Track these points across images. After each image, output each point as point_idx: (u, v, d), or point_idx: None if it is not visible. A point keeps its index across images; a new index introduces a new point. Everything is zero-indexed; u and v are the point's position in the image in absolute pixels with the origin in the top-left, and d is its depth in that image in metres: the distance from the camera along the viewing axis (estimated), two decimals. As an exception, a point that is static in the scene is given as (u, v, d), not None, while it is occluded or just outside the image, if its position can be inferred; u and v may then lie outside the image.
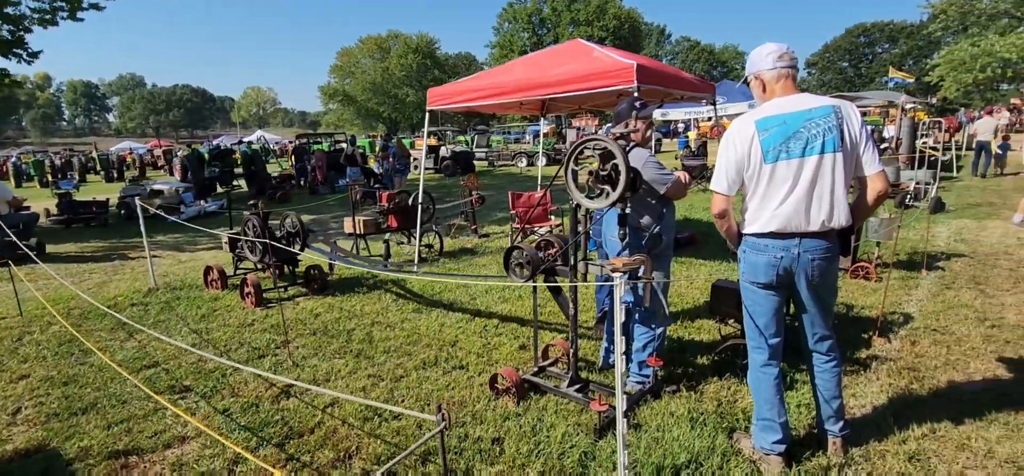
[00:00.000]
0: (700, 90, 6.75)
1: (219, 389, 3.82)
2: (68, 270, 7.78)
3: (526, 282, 3.43)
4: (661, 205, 3.36)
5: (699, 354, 4.06)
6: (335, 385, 3.81)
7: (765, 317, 2.65)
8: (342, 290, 6.16)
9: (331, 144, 22.11)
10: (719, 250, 7.37)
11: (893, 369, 3.74)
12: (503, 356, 4.14)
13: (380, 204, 7.58)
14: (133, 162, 32.23)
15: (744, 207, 2.66)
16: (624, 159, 2.78)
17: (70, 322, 5.30)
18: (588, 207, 3.05)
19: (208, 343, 4.66)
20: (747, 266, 2.65)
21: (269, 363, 4.18)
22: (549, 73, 5.71)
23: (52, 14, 14.60)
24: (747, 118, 2.55)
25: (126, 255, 8.89)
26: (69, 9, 14.88)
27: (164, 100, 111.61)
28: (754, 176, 2.52)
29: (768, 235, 2.53)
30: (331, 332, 4.81)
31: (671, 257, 3.60)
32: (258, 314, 5.36)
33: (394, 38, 56.34)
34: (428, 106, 6.67)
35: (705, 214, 10.15)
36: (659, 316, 3.44)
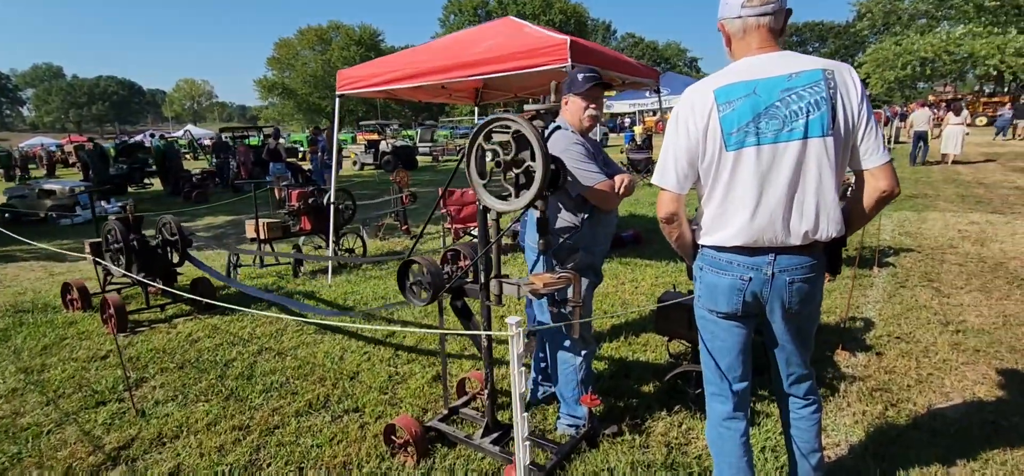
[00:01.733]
0: (642, 75, 6.17)
1: (21, 457, 2.87)
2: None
3: (425, 305, 2.68)
4: (580, 208, 2.63)
5: (644, 380, 3.42)
6: (186, 443, 2.94)
7: (729, 356, 2.00)
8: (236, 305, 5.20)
9: (261, 138, 20.58)
10: (667, 248, 6.86)
11: (864, 391, 3.21)
12: (410, 392, 3.37)
13: (290, 204, 6.63)
14: (41, 159, 29.26)
15: (699, 209, 1.99)
16: (541, 145, 2.07)
17: None
18: (498, 210, 2.33)
19: (37, 386, 3.66)
20: (705, 289, 1.98)
21: (106, 414, 3.25)
22: (473, 51, 4.96)
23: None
24: (703, 86, 1.87)
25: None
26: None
27: (86, 92, 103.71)
28: (712, 168, 1.84)
29: (732, 250, 1.87)
30: (204, 364, 3.90)
31: (595, 279, 2.85)
32: (120, 342, 4.36)
33: (335, 29, 54.04)
34: (338, 90, 5.78)
35: (651, 209, 9.69)
36: (584, 338, 2.74)
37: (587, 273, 2.69)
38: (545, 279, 2.29)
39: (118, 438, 3.00)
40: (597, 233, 2.68)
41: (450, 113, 41.98)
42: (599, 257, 2.76)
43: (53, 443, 2.99)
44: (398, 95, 6.42)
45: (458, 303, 2.74)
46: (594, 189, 2.52)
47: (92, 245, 5.22)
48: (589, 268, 2.70)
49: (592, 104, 2.68)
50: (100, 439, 2.99)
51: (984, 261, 5.82)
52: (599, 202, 2.58)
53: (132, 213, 5.06)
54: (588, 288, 2.77)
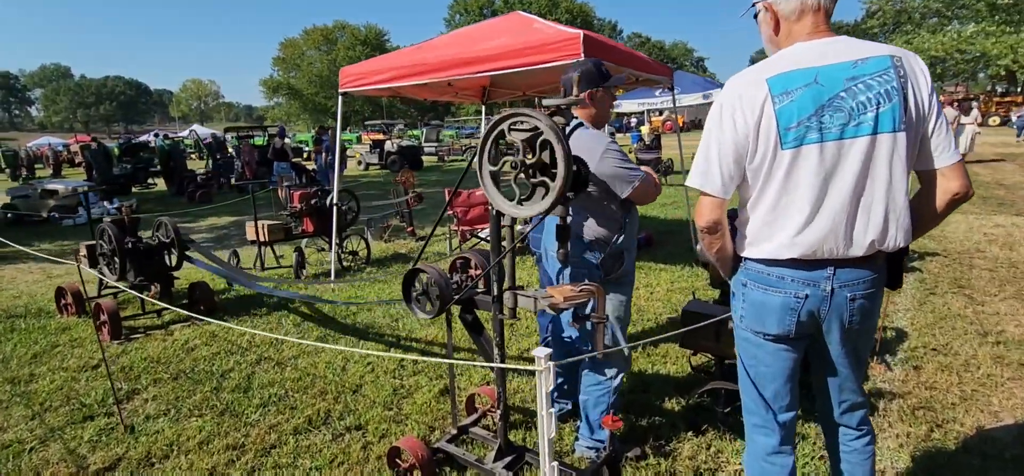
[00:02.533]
0: (656, 72, 5.93)
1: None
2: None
3: (433, 318, 2.47)
4: (623, 212, 2.46)
5: (666, 395, 3.20)
6: (176, 464, 2.74)
7: (775, 383, 1.77)
8: (236, 311, 5.03)
9: (266, 138, 20.43)
10: (682, 251, 6.63)
11: (905, 410, 2.98)
12: (416, 408, 3.16)
13: (292, 205, 6.44)
14: (47, 159, 29.27)
15: (742, 216, 1.76)
16: (563, 143, 1.85)
17: None
18: (514, 215, 2.11)
19: (23, 398, 3.47)
20: (750, 309, 1.76)
21: (93, 430, 3.06)
22: (480, 47, 4.75)
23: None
24: (754, 74, 1.63)
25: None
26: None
27: (94, 92, 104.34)
28: (762, 168, 1.61)
29: (786, 263, 1.65)
30: (199, 375, 3.70)
31: (633, 283, 2.70)
32: (113, 350, 4.18)
33: (341, 29, 54.03)
34: (341, 88, 5.59)
35: (662, 210, 9.46)
36: (615, 358, 2.55)
37: (628, 276, 2.50)
38: (566, 292, 2.07)
39: (103, 457, 2.80)
40: (632, 235, 2.49)
41: (456, 113, 41.81)
42: (633, 262, 2.57)
43: (35, 463, 2.79)
44: (403, 93, 6.22)
45: (468, 316, 2.53)
46: (643, 184, 2.36)
47: (89, 247, 5.05)
48: (630, 271, 2.50)
49: (613, 100, 2.52)
50: (84, 459, 2.80)
51: (1016, 266, 5.56)
52: (644, 198, 2.43)
53: (129, 214, 4.88)
54: (626, 300, 2.57)
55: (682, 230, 7.78)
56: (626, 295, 2.60)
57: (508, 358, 3.73)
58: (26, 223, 11.15)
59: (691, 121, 37.27)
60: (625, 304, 2.60)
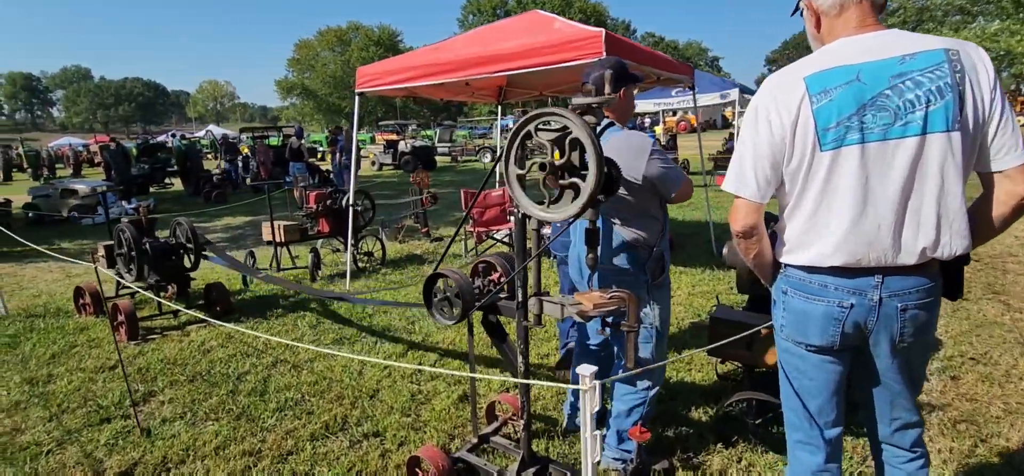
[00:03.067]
0: (677, 71, 5.81)
1: (20, 481, 2.66)
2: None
3: (455, 323, 2.39)
4: (663, 215, 2.37)
5: (693, 404, 3.09)
6: (192, 470, 2.69)
7: (820, 397, 1.67)
8: (252, 312, 5.00)
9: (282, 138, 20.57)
10: (702, 253, 6.50)
11: (946, 422, 2.84)
12: (435, 415, 3.09)
13: (308, 206, 6.41)
14: (68, 159, 29.75)
15: (781, 221, 1.66)
16: (595, 144, 1.77)
17: None
18: (541, 219, 2.02)
19: (41, 399, 3.46)
20: (790, 318, 1.66)
21: (110, 432, 3.02)
22: (499, 46, 4.67)
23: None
24: (790, 73, 1.54)
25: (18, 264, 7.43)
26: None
27: (113, 94, 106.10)
28: (800, 171, 1.52)
29: (828, 271, 1.55)
30: (215, 377, 3.66)
31: (670, 288, 2.60)
32: (130, 351, 4.16)
33: (354, 30, 54.31)
34: (357, 88, 5.54)
35: (680, 211, 9.32)
36: (654, 371, 2.44)
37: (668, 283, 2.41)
38: (595, 299, 1.98)
39: (120, 461, 2.76)
40: (668, 236, 2.40)
41: (469, 113, 41.81)
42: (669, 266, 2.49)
43: (51, 465, 2.77)
44: (419, 93, 6.16)
45: (490, 321, 2.45)
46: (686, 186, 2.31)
47: (106, 247, 5.05)
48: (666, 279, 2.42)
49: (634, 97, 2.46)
50: (101, 462, 2.76)
51: (1053, 272, 5.36)
52: (684, 198, 2.35)
53: (146, 215, 4.88)
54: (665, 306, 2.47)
55: (702, 232, 7.63)
56: (666, 301, 2.50)
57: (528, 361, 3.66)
58: (47, 222, 11.28)
59: (706, 121, 36.93)
60: (666, 310, 2.50)
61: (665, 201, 2.35)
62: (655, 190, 2.27)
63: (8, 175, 25.98)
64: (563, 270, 3.56)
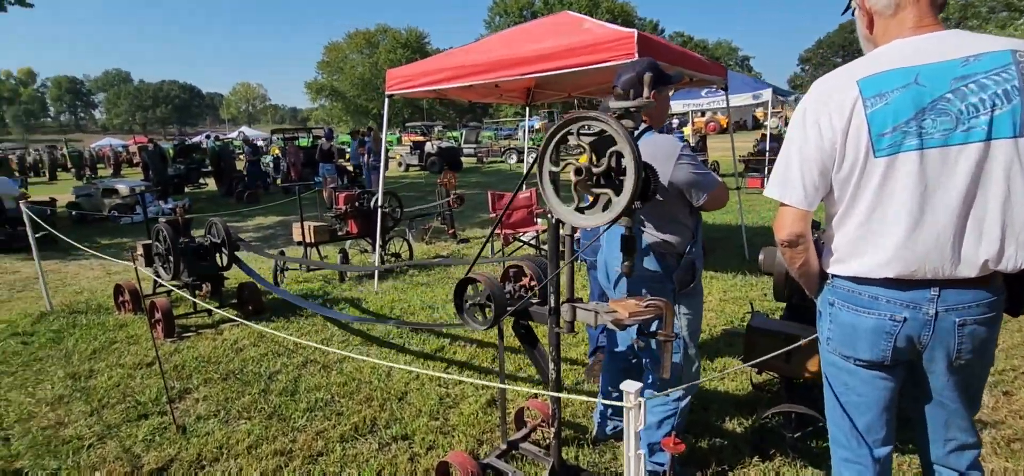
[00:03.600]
0: (709, 72, 5.69)
1: (61, 474, 2.73)
2: (-28, 285, 6.63)
3: (486, 329, 2.37)
4: (695, 220, 2.31)
5: (727, 415, 3.01)
6: (226, 468, 2.73)
7: (869, 414, 1.60)
8: (283, 311, 5.07)
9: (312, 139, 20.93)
10: (734, 258, 6.36)
11: (999, 442, 2.70)
12: (463, 419, 3.07)
13: (337, 207, 6.48)
14: (108, 159, 30.86)
15: (828, 230, 1.60)
16: (634, 149, 1.72)
17: (-76, 361, 4.20)
18: (576, 225, 1.99)
19: (83, 394, 3.56)
20: (838, 331, 1.59)
21: (147, 428, 3.09)
22: (529, 48, 4.64)
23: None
24: (842, 75, 1.48)
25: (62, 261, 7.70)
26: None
27: (151, 96, 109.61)
28: (851, 178, 1.45)
29: (880, 282, 1.47)
30: (248, 376, 3.72)
31: (702, 295, 2.54)
32: (166, 348, 4.26)
33: (383, 32, 55.03)
34: (387, 90, 5.58)
35: (711, 214, 9.13)
36: (691, 377, 2.38)
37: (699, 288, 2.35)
38: (631, 307, 1.93)
39: (157, 457, 2.82)
40: (700, 244, 2.34)
41: (494, 114, 41.91)
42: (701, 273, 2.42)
43: (92, 460, 2.84)
44: (448, 95, 6.17)
45: (521, 327, 2.42)
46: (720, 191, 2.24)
47: (145, 246, 5.19)
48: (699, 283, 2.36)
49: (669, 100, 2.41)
50: (139, 458, 2.83)
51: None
52: (717, 205, 2.29)
53: (182, 215, 4.99)
54: (696, 314, 2.41)
55: (733, 236, 7.48)
56: (696, 309, 2.43)
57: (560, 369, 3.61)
58: (89, 221, 11.69)
59: (736, 122, 36.29)
60: (696, 319, 2.44)
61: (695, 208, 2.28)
62: (683, 195, 2.21)
63: (53, 174, 27.07)
64: (593, 275, 3.51)
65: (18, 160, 25.70)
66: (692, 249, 2.32)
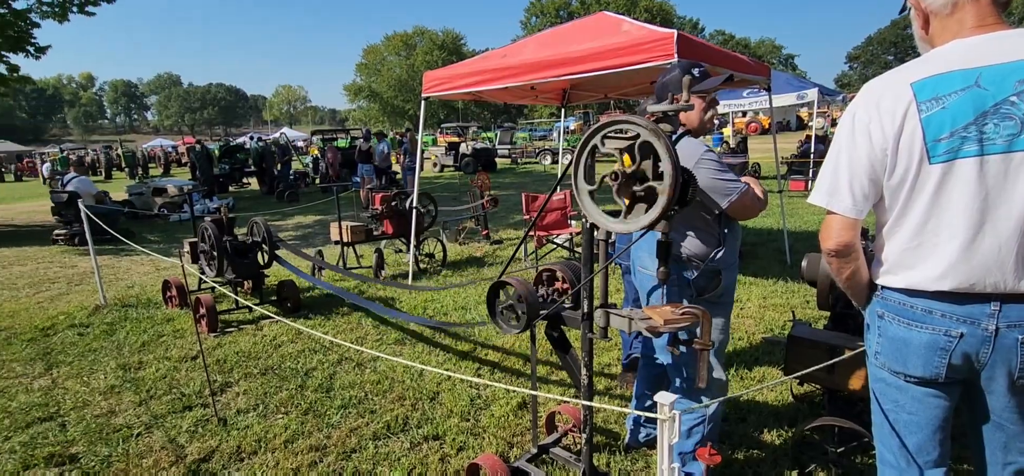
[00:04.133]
0: (752, 72, 5.54)
1: (113, 460, 2.86)
2: (31, 276, 7.03)
3: (519, 333, 2.36)
4: (721, 226, 2.24)
5: (765, 426, 2.92)
6: (263, 461, 2.80)
7: (920, 434, 1.52)
8: (319, 310, 5.19)
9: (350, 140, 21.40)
10: (775, 264, 6.16)
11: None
12: (494, 421, 3.07)
13: (373, 207, 6.60)
14: (159, 159, 32.31)
15: (878, 239, 1.52)
16: (670, 153, 1.68)
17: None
18: (612, 230, 1.96)
19: (132, 385, 3.72)
20: (888, 345, 1.51)
21: (191, 420, 3.21)
22: (566, 50, 4.61)
23: (62, 8, 14.18)
24: (895, 77, 1.41)
25: (117, 255, 8.10)
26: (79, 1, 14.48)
27: (199, 98, 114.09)
28: (904, 186, 1.39)
29: (934, 295, 1.40)
30: (285, 372, 3.82)
31: (732, 303, 2.47)
32: (210, 343, 4.42)
33: (420, 34, 55.72)
34: (423, 93, 5.64)
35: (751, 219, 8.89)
36: (714, 386, 2.32)
37: (727, 297, 2.29)
38: (666, 314, 1.89)
39: (200, 448, 2.92)
40: (734, 250, 2.27)
41: (528, 115, 41.92)
42: (734, 279, 2.35)
43: (140, 448, 2.96)
44: (484, 96, 6.20)
45: (554, 332, 2.41)
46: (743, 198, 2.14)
47: (191, 244, 5.40)
48: (730, 290, 2.29)
49: (713, 104, 2.33)
50: (183, 448, 2.93)
51: None
52: (745, 213, 2.21)
53: (226, 215, 5.17)
54: (725, 321, 2.35)
55: (775, 240, 7.26)
56: (724, 316, 2.37)
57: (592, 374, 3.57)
58: (140, 218, 12.24)
59: (779, 122, 35.26)
60: (723, 326, 2.37)
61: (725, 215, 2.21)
62: (704, 201, 2.15)
63: (109, 173, 28.50)
64: (628, 280, 3.46)
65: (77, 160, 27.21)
66: (717, 256, 2.25)
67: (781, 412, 3.05)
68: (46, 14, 14.12)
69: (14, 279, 6.96)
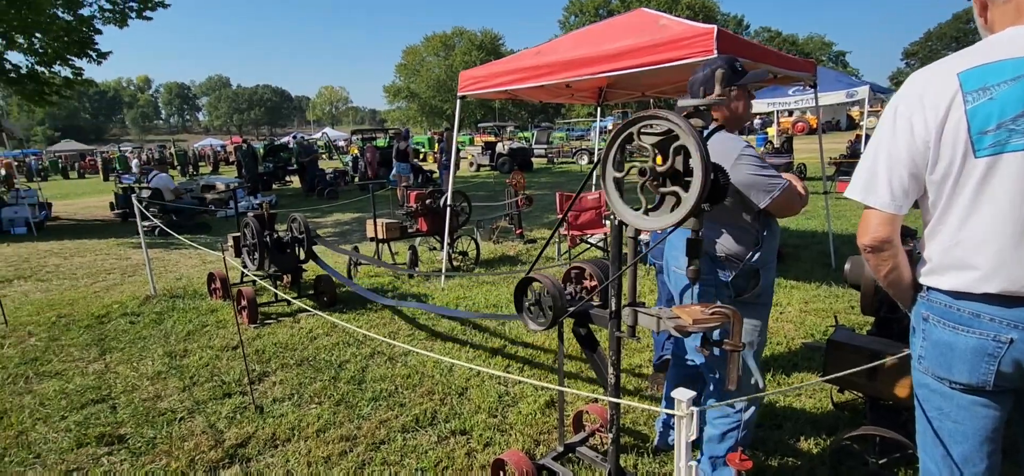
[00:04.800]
0: (797, 68, 5.35)
1: (157, 442, 2.99)
2: (89, 267, 7.44)
3: (545, 329, 2.35)
4: (760, 225, 2.17)
5: (802, 434, 2.81)
6: (296, 448, 2.88)
7: (966, 444, 1.43)
8: (353, 305, 5.30)
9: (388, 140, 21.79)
10: (818, 267, 5.95)
11: None
12: (521, 418, 3.07)
13: (408, 204, 6.69)
14: (209, 158, 33.69)
15: (923, 238, 1.45)
16: (701, 148, 1.64)
17: (51, 333, 4.75)
18: (640, 228, 1.92)
19: (177, 371, 3.88)
20: (932, 350, 1.43)
21: (230, 407, 3.33)
22: (602, 47, 4.56)
23: (122, 14, 14.96)
24: (941, 68, 1.35)
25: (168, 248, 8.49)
26: (138, 7, 15.25)
27: (247, 99, 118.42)
28: (948, 181, 1.32)
29: (981, 298, 1.32)
30: (320, 363, 3.91)
31: (770, 305, 2.39)
32: (250, 333, 4.57)
33: (459, 35, 56.20)
34: (459, 92, 5.68)
35: (795, 220, 8.60)
36: (750, 391, 2.25)
37: (765, 297, 2.23)
38: (695, 314, 1.84)
39: (237, 434, 3.03)
40: (773, 249, 2.21)
41: (566, 114, 41.74)
42: (772, 279, 2.28)
43: (182, 432, 3.09)
44: (520, 95, 6.20)
45: (582, 330, 2.38)
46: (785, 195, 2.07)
47: (235, 238, 5.60)
48: (767, 291, 2.23)
49: (750, 100, 2.26)
50: (222, 433, 3.04)
51: None
52: (785, 210, 2.14)
53: (268, 211, 5.33)
54: (762, 323, 2.28)
55: (819, 242, 7.00)
56: (761, 318, 2.30)
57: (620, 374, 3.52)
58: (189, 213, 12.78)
59: (828, 122, 33.96)
60: (760, 328, 2.30)
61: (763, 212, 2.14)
62: (744, 198, 2.08)
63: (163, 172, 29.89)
64: (661, 279, 3.39)
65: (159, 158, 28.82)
66: (756, 256, 2.18)
67: (820, 420, 2.93)
68: (108, 19, 14.94)
69: (74, 269, 7.37)
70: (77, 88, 16.08)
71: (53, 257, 8.27)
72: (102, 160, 30.94)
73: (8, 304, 5.64)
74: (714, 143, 2.11)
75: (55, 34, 13.89)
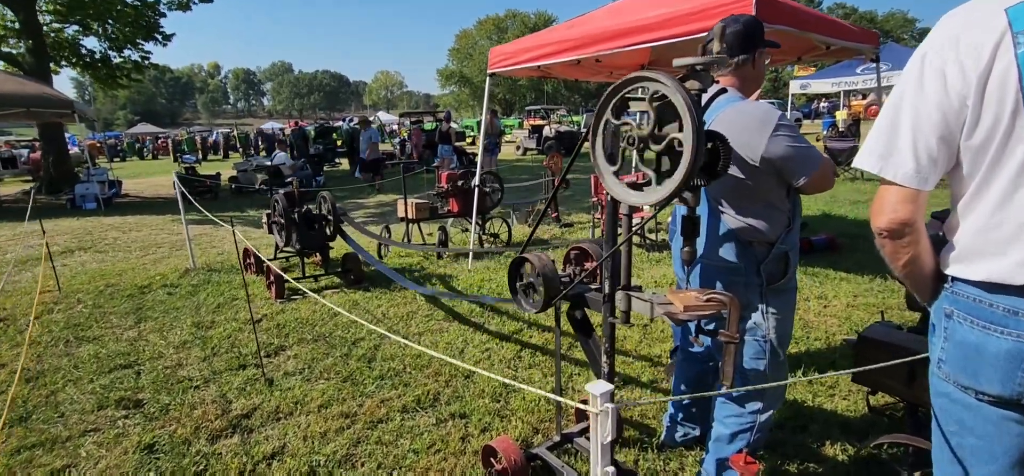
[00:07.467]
0: (854, 39, 4.88)
1: (170, 408, 3.07)
2: (144, 241, 7.84)
3: (537, 312, 2.21)
4: (792, 204, 1.94)
5: (829, 438, 2.55)
6: (297, 422, 2.88)
7: (992, 466, 1.19)
8: (379, 282, 5.31)
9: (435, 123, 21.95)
10: (872, 259, 5.47)
11: None
12: (524, 405, 2.95)
13: (439, 185, 6.65)
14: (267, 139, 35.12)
15: (951, 218, 1.21)
16: (693, 114, 1.45)
17: (97, 301, 5.01)
18: (630, 203, 1.74)
19: (201, 342, 4.00)
20: (956, 352, 1.20)
21: (243, 379, 3.38)
22: (636, 17, 4.30)
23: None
24: (985, 3, 1.09)
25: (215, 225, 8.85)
26: (200, -9, 15.94)
27: (307, 84, 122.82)
28: (990, 146, 1.07)
29: (1020, 291, 1.08)
30: (335, 340, 3.93)
31: (796, 292, 2.14)
32: (274, 308, 4.66)
33: (512, 17, 55.88)
34: (489, 69, 5.55)
35: (852, 208, 8.00)
36: (767, 392, 2.02)
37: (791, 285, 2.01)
38: (688, 300, 1.66)
39: (243, 405, 3.06)
40: (797, 232, 1.98)
41: (618, 99, 40.74)
42: (797, 262, 2.05)
43: (194, 400, 3.16)
44: (552, 73, 5.98)
45: (577, 314, 2.23)
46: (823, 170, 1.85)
47: (268, 215, 5.72)
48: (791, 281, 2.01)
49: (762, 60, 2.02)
50: (230, 403, 3.09)
51: None
52: (819, 187, 1.89)
53: (298, 188, 5.41)
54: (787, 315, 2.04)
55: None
56: (787, 310, 2.05)
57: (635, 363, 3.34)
58: (245, 192, 13.33)
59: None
60: (786, 320, 2.06)
61: (794, 189, 1.91)
62: (779, 174, 1.84)
63: (226, 153, 31.41)
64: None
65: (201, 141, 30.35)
66: (786, 238, 1.95)
67: (851, 424, 2.66)
68: (172, 5, 15.70)
69: (129, 243, 7.80)
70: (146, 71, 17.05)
71: (113, 231, 8.78)
72: (172, 142, 32.76)
73: (66, 273, 6.02)
74: (739, 111, 1.88)
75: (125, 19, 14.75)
